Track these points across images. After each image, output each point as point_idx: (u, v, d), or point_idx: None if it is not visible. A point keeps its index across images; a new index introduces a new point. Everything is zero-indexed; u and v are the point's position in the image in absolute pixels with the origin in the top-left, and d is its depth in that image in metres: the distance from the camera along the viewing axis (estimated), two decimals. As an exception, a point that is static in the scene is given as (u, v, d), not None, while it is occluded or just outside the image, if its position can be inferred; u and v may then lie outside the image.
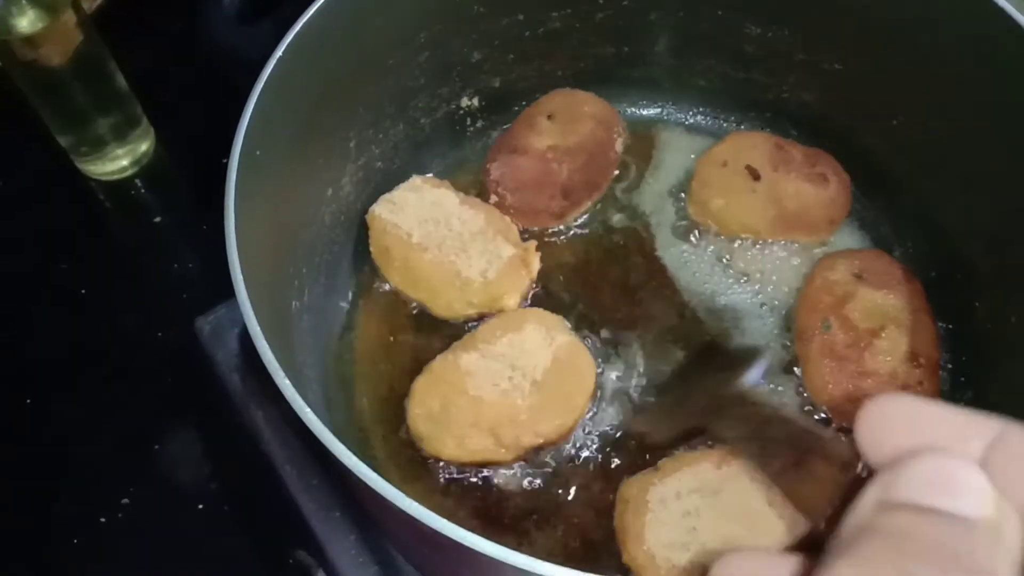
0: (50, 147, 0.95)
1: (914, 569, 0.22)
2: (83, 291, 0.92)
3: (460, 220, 0.77)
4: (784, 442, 0.46)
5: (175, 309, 0.88)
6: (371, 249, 0.78)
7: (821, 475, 0.39)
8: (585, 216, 0.83)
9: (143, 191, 0.99)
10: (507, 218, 0.79)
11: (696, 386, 0.64)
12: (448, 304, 0.76)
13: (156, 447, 0.82)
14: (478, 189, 0.84)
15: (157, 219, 0.97)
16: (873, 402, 0.29)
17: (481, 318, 0.76)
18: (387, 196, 0.78)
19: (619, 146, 0.85)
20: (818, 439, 0.43)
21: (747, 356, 0.66)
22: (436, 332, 0.77)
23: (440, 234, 0.76)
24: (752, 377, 0.63)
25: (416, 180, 0.79)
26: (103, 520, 0.79)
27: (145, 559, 0.78)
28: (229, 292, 0.53)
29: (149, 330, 0.88)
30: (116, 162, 0.97)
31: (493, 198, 0.81)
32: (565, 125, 0.84)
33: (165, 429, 0.84)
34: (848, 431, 0.69)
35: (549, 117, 0.85)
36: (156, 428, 0.84)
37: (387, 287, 0.79)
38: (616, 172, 0.85)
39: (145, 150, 0.99)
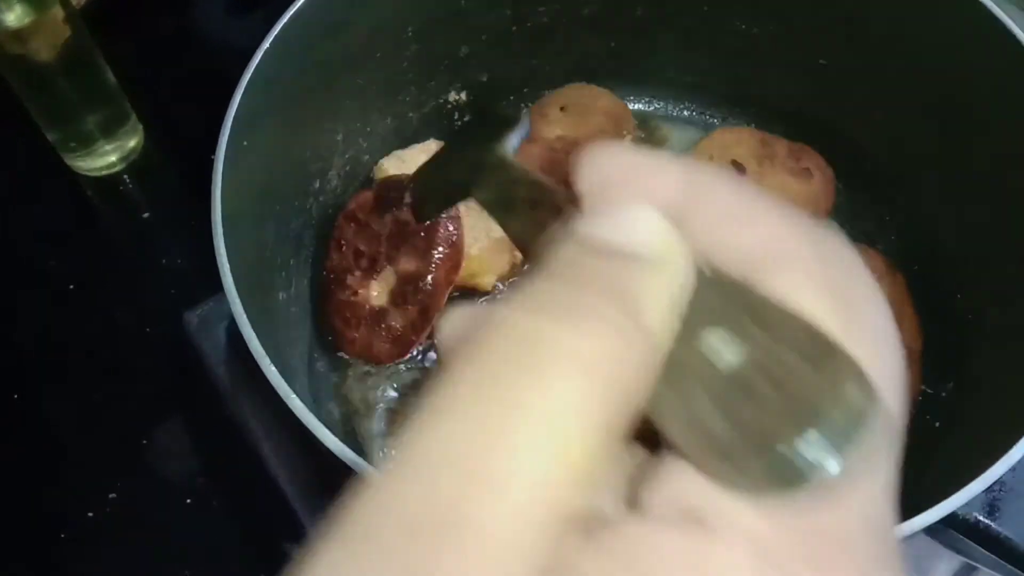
0: (38, 143, 0.95)
1: (571, 292, 0.21)
2: (71, 286, 0.92)
3: None
4: (526, 199, 0.46)
5: (164, 304, 0.88)
6: None
7: (542, 221, 0.37)
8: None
9: (131, 187, 0.99)
10: None
11: (461, 152, 0.65)
12: None
13: (144, 441, 0.82)
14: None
15: (146, 215, 0.97)
16: (593, 150, 0.28)
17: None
18: (399, 152, 0.79)
19: (627, 142, 0.86)
20: (552, 193, 0.40)
21: (509, 122, 0.67)
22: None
23: None
24: (511, 142, 0.64)
25: (431, 143, 0.80)
26: (91, 515, 0.79)
27: (133, 554, 0.78)
28: (218, 286, 0.53)
29: (137, 325, 0.88)
30: (104, 158, 0.97)
31: None
32: (576, 117, 0.85)
33: (153, 423, 0.84)
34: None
35: (562, 109, 0.86)
36: (144, 422, 0.84)
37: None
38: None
39: (133, 146, 0.99)
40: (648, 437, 0.29)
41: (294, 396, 0.48)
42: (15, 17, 0.82)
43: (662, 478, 0.23)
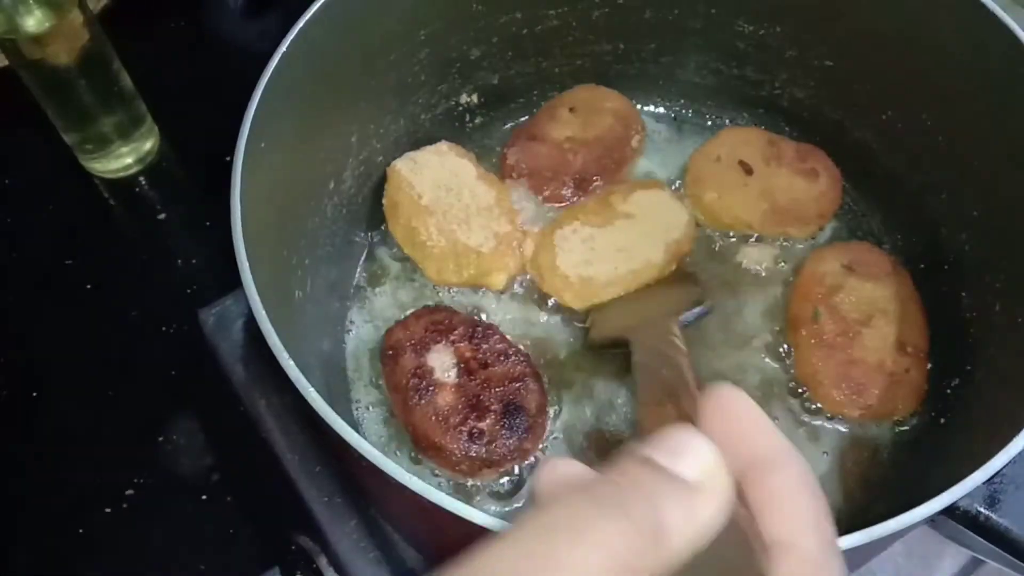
0: (56, 145, 0.97)
1: (618, 492, 0.28)
2: (88, 286, 0.93)
3: (472, 193, 0.79)
4: (660, 383, 0.49)
5: (180, 303, 0.90)
6: (384, 200, 0.81)
7: (664, 417, 0.41)
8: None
9: (147, 188, 1.00)
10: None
11: (639, 305, 0.73)
12: (438, 269, 0.78)
13: (160, 438, 0.84)
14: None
15: (161, 215, 0.99)
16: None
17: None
18: (411, 154, 0.81)
19: (635, 143, 0.87)
20: (684, 392, 0.45)
21: (696, 299, 0.74)
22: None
23: (448, 202, 0.78)
24: (687, 316, 0.71)
25: (443, 145, 0.82)
26: (108, 511, 0.80)
27: (149, 548, 0.79)
28: (232, 285, 0.54)
29: (153, 323, 0.90)
30: (121, 160, 0.99)
31: (508, 182, 0.83)
32: (585, 118, 0.86)
33: (170, 420, 0.85)
34: (839, 421, 0.72)
35: (571, 110, 0.87)
36: (161, 419, 0.85)
37: (387, 284, 0.82)
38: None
39: (149, 148, 1.01)
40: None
41: (311, 389, 0.49)
42: (35, 22, 0.84)
43: None
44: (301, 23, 0.65)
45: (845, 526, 0.49)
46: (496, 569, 0.25)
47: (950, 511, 0.52)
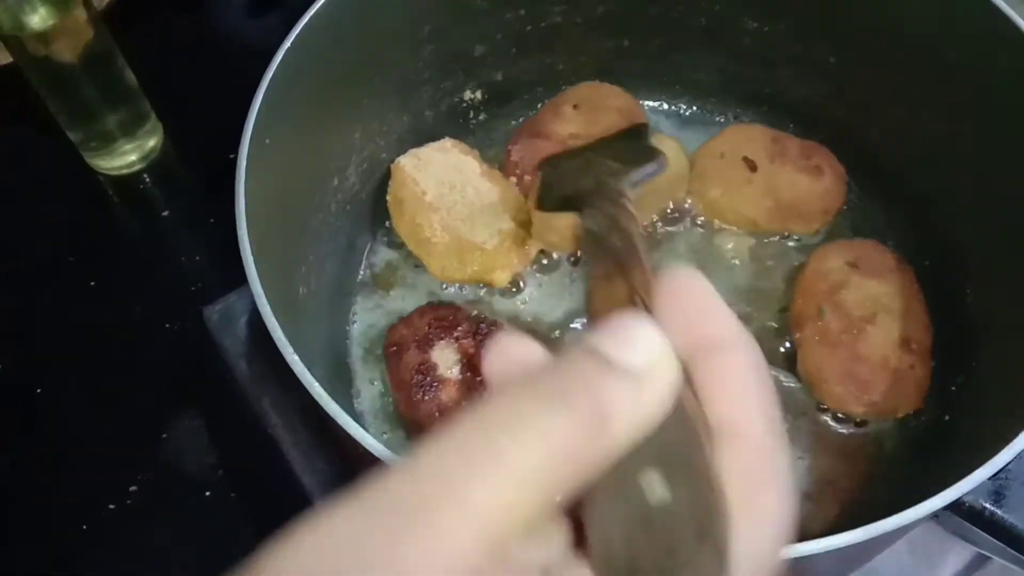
0: (60, 142, 0.97)
1: (562, 384, 0.27)
2: (92, 283, 0.93)
3: (476, 190, 0.80)
4: (610, 253, 0.44)
5: (183, 300, 0.89)
6: (388, 196, 0.81)
7: (614, 293, 0.39)
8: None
9: (151, 185, 1.00)
10: (523, 199, 0.82)
11: (589, 166, 0.65)
12: (442, 266, 0.79)
13: (164, 435, 0.84)
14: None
15: (165, 213, 0.99)
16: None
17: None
18: (415, 151, 0.81)
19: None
20: (636, 267, 0.41)
21: (649, 155, 0.65)
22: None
23: (452, 199, 0.79)
24: (639, 174, 0.63)
25: (447, 142, 0.82)
26: (112, 507, 0.80)
27: (153, 545, 0.79)
28: (237, 282, 0.54)
29: (157, 320, 0.90)
30: (124, 157, 0.99)
31: (512, 179, 0.83)
32: (589, 115, 0.86)
33: (173, 417, 0.85)
34: (842, 418, 0.72)
35: (575, 107, 0.87)
36: (164, 416, 0.85)
37: (390, 281, 0.82)
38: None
39: (153, 145, 1.01)
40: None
41: (317, 385, 0.49)
42: (39, 19, 0.84)
43: None
44: (304, 20, 0.65)
45: (848, 523, 0.49)
46: (441, 465, 0.24)
47: (955, 507, 0.52)
